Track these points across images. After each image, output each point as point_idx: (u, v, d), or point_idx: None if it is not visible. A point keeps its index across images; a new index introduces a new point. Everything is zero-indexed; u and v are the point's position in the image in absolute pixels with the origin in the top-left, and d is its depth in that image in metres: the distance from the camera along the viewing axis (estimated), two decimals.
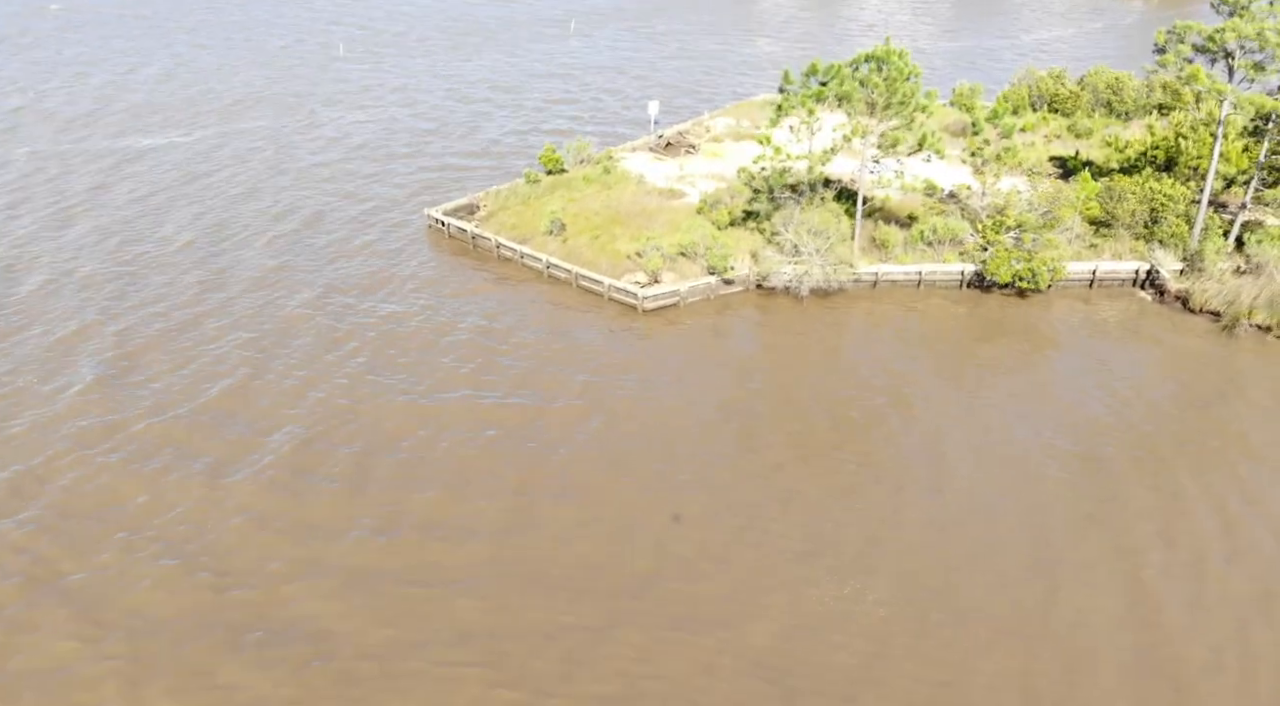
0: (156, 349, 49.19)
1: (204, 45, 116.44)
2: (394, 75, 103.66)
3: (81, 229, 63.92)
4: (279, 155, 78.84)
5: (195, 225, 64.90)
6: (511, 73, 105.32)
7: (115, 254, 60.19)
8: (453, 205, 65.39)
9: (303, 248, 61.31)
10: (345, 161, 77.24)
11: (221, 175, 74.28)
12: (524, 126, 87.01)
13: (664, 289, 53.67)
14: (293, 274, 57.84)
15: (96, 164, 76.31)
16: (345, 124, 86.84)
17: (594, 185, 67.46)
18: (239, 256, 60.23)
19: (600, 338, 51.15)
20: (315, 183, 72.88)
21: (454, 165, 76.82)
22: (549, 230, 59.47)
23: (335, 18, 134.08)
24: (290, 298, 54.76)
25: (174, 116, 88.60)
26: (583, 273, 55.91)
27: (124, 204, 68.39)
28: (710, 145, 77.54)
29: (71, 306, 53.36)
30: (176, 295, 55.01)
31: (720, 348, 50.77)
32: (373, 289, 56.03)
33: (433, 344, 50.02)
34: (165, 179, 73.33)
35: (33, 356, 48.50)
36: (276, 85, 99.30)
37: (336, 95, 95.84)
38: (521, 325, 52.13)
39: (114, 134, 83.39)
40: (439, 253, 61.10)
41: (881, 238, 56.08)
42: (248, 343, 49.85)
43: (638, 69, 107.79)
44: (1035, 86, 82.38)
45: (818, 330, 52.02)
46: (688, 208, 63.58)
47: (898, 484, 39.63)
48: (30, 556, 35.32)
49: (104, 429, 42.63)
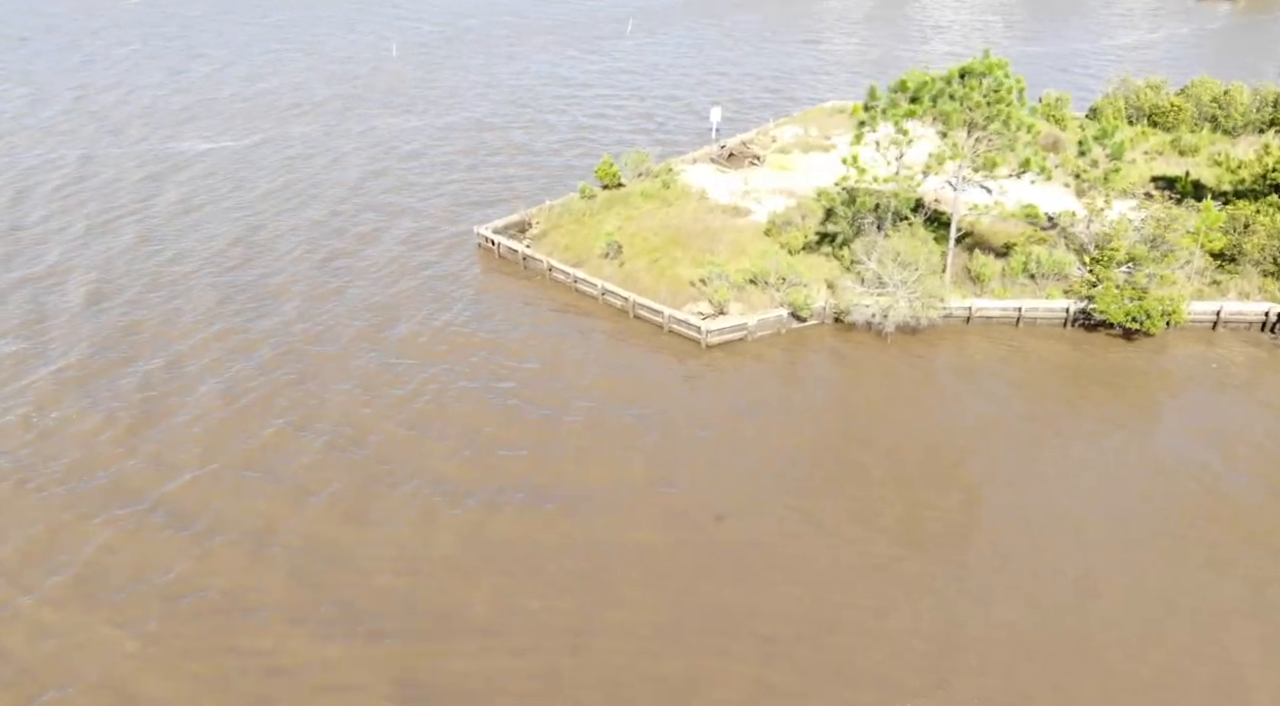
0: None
1: (256, 45, 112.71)
2: (447, 78, 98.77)
3: (125, 238, 59.53)
4: (328, 164, 74.23)
5: (241, 240, 60.43)
6: (567, 76, 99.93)
7: (155, 271, 55.65)
8: (503, 222, 60.07)
9: (348, 269, 56.24)
10: (395, 171, 72.35)
11: (266, 184, 69.84)
12: (580, 134, 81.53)
13: (730, 322, 47.81)
14: (336, 303, 52.94)
15: (146, 170, 72.34)
16: (397, 130, 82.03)
17: (653, 201, 61.78)
18: (277, 276, 55.56)
19: (658, 375, 45.48)
20: (367, 195, 68.04)
21: (505, 176, 71.54)
22: (605, 253, 53.92)
23: (392, 18, 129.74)
24: (332, 336, 49.74)
25: (230, 119, 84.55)
26: (640, 301, 50.26)
27: (170, 215, 64.00)
28: (777, 156, 71.38)
29: (102, 335, 48.92)
30: (200, 319, 50.43)
31: (792, 391, 44.84)
32: (417, 315, 50.93)
33: (471, 392, 44.71)
34: (216, 187, 69.07)
35: (48, 393, 44.17)
36: (329, 88, 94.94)
37: (389, 99, 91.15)
38: (573, 358, 46.65)
39: (165, 137, 79.49)
40: (488, 274, 55.80)
41: (976, 269, 49.62)
42: (282, 388, 45.04)
43: (697, 71, 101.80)
44: (1132, 97, 74.91)
45: (902, 371, 45.84)
46: (754, 227, 57.63)
47: (988, 556, 33.48)
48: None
49: (110, 487, 38.03)
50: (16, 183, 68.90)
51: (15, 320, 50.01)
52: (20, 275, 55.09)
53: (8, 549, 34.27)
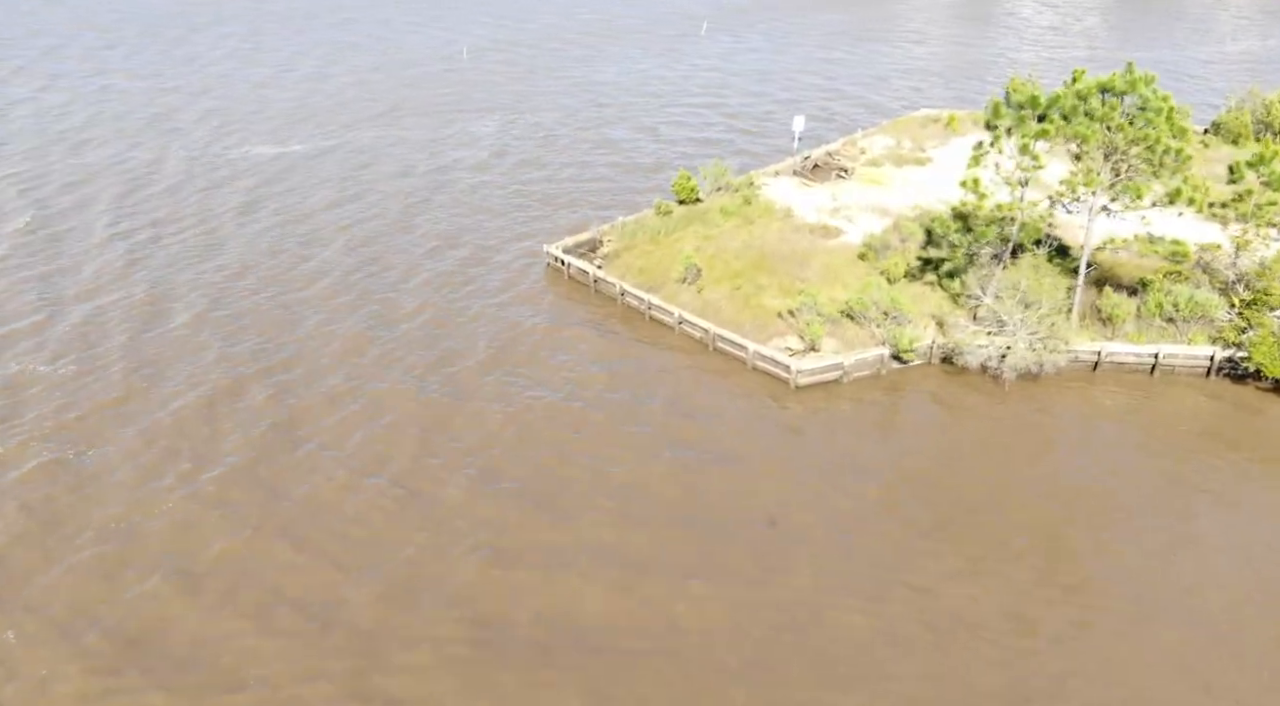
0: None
1: (324, 45, 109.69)
2: (516, 82, 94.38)
3: (227, 255, 55.83)
4: (394, 173, 70.23)
5: (302, 255, 56.56)
6: (639, 80, 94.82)
7: (259, 295, 51.57)
8: (574, 240, 55.19)
9: (411, 291, 51.72)
10: (461, 182, 67.85)
11: (330, 193, 66.00)
12: (653, 142, 76.38)
13: (823, 362, 42.30)
14: (394, 331, 48.65)
15: (243, 181, 69.05)
16: (466, 137, 77.71)
17: (733, 219, 56.40)
18: (343, 296, 51.49)
19: (742, 423, 40.14)
20: (433, 208, 63.71)
21: (575, 188, 66.58)
22: (682, 277, 48.76)
23: (467, 20, 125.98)
24: (391, 369, 45.40)
25: (298, 123, 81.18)
26: (722, 333, 44.99)
27: (269, 226, 60.18)
28: (866, 170, 65.47)
29: (207, 355, 45.13)
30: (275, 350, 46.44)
31: (894, 444, 39.18)
32: (479, 349, 46.34)
33: (543, 440, 39.91)
34: (282, 198, 65.46)
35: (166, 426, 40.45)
36: (398, 91, 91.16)
37: (459, 103, 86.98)
38: (649, 398, 41.56)
39: (238, 140, 76.33)
40: (558, 298, 50.91)
41: (1107, 309, 43.33)
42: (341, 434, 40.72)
43: (776, 74, 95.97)
44: (1260, 111, 67.43)
45: (1020, 423, 39.93)
46: (846, 250, 51.95)
47: (1108, 662, 27.61)
48: None
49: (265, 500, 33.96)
50: (84, 187, 65.97)
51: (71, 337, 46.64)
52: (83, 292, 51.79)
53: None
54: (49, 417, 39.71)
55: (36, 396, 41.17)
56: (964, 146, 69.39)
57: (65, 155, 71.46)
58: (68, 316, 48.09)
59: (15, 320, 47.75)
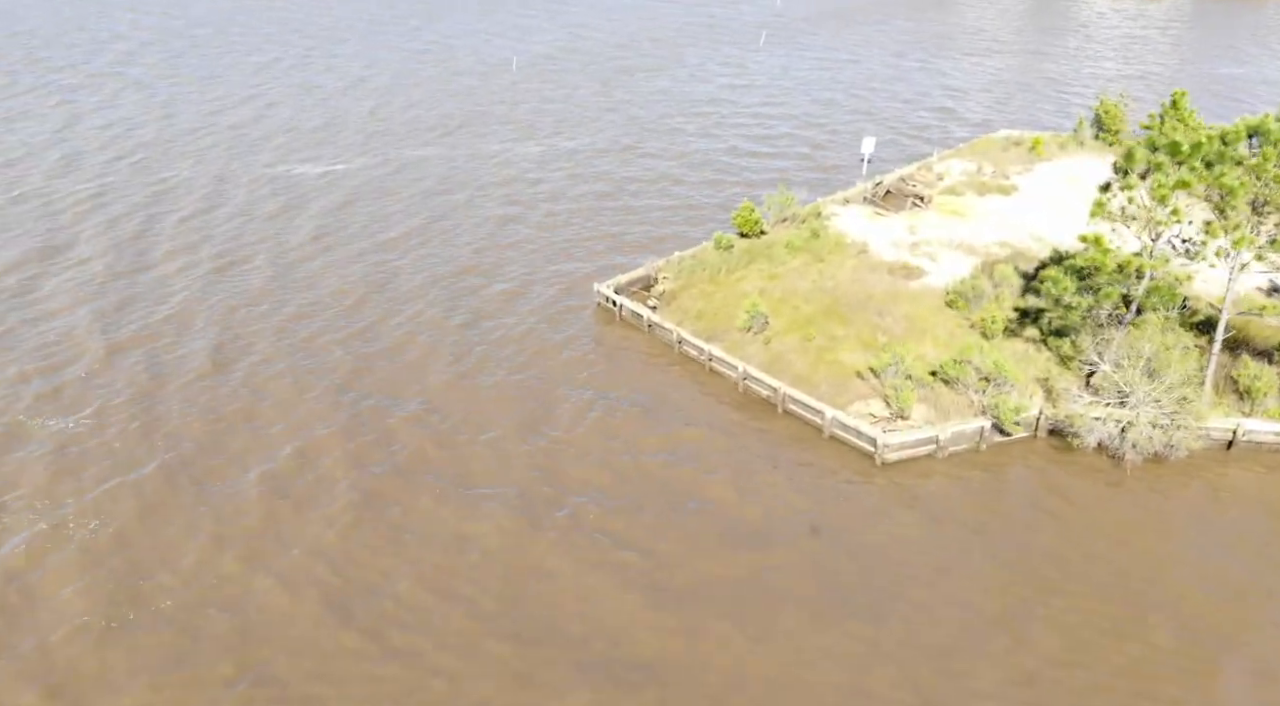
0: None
1: (375, 54, 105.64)
2: (568, 97, 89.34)
3: (258, 279, 51.59)
4: (433, 190, 65.55)
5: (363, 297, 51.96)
6: (696, 96, 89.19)
7: (284, 327, 47.13)
8: (626, 278, 49.86)
9: (456, 334, 46.95)
10: (506, 210, 62.80)
11: (369, 216, 61.44)
12: (711, 165, 70.75)
13: (915, 435, 36.47)
14: (418, 386, 43.76)
15: (274, 201, 64.86)
16: (513, 157, 72.74)
17: (801, 254, 50.76)
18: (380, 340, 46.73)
19: (817, 505, 34.52)
20: (474, 239, 58.88)
21: (628, 217, 60.97)
22: (747, 326, 43.24)
23: (520, 32, 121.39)
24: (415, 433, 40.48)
25: (349, 142, 76.90)
26: (793, 394, 39.37)
27: (294, 258, 55.92)
28: (945, 198, 59.39)
29: (242, 392, 40.82)
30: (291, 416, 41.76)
31: (998, 534, 33.27)
32: (514, 414, 41.24)
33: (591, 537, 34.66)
34: (336, 229, 61.03)
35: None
36: (447, 106, 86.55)
37: (507, 118, 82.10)
38: (711, 470, 36.12)
39: (298, 159, 72.20)
40: (605, 344, 45.60)
41: (1245, 381, 36.98)
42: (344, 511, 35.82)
43: (839, 90, 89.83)
44: None
45: (1143, 510, 33.90)
46: (930, 295, 46.09)
47: None
48: None
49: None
50: (146, 208, 61.79)
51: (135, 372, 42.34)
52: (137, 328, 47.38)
53: None
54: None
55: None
56: (1051, 173, 63.12)
57: (133, 173, 67.28)
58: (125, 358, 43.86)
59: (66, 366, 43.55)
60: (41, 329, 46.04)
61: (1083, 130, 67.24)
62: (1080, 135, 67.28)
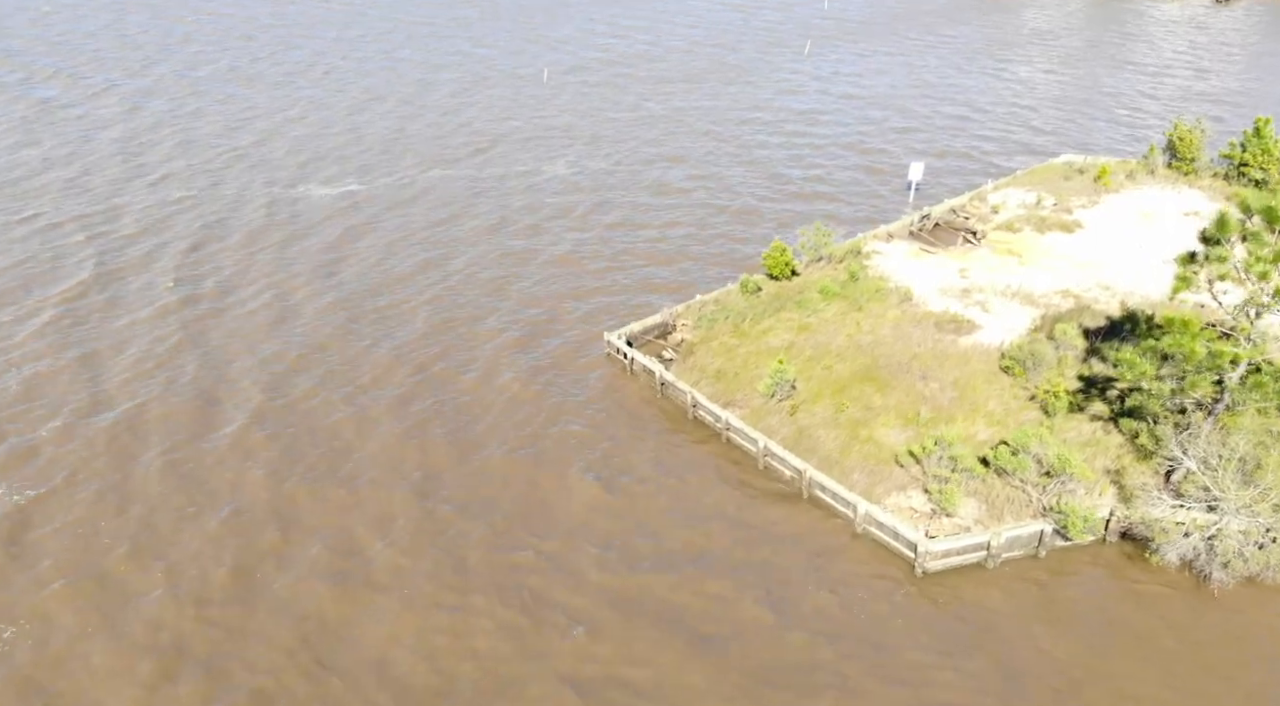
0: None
1: (395, 60, 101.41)
2: (597, 111, 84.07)
3: (262, 319, 47.42)
4: (446, 219, 60.80)
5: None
6: (730, 112, 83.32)
7: (279, 379, 43.22)
8: (641, 325, 44.52)
9: (462, 396, 42.11)
10: (516, 243, 57.86)
11: (370, 249, 56.91)
12: (741, 190, 65.01)
13: (962, 541, 30.49)
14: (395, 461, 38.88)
15: (282, 228, 60.73)
16: (537, 180, 67.76)
17: (837, 302, 44.96)
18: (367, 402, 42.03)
19: (841, 624, 28.89)
20: (475, 271, 54.06)
21: (645, 253, 55.26)
22: (771, 392, 37.61)
23: (554, 41, 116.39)
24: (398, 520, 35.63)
25: (359, 160, 72.63)
26: (820, 479, 33.66)
27: (310, 290, 51.86)
28: (1000, 235, 53.07)
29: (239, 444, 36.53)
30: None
31: (1060, 666, 27.35)
32: (494, 516, 36.15)
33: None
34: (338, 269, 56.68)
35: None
36: (474, 118, 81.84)
37: (537, 137, 77.07)
38: (718, 571, 30.67)
39: (348, 177, 68.14)
40: (612, 404, 40.18)
41: None
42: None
43: (883, 107, 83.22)
44: None
45: (1233, 638, 27.74)
46: (982, 355, 40.05)
47: None
48: None
49: None
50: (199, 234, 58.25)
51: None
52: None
53: None
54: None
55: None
56: (1119, 207, 56.30)
57: (144, 192, 63.62)
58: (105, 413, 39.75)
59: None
60: (6, 382, 42.05)
61: (1154, 157, 60.26)
62: (1151, 162, 60.31)
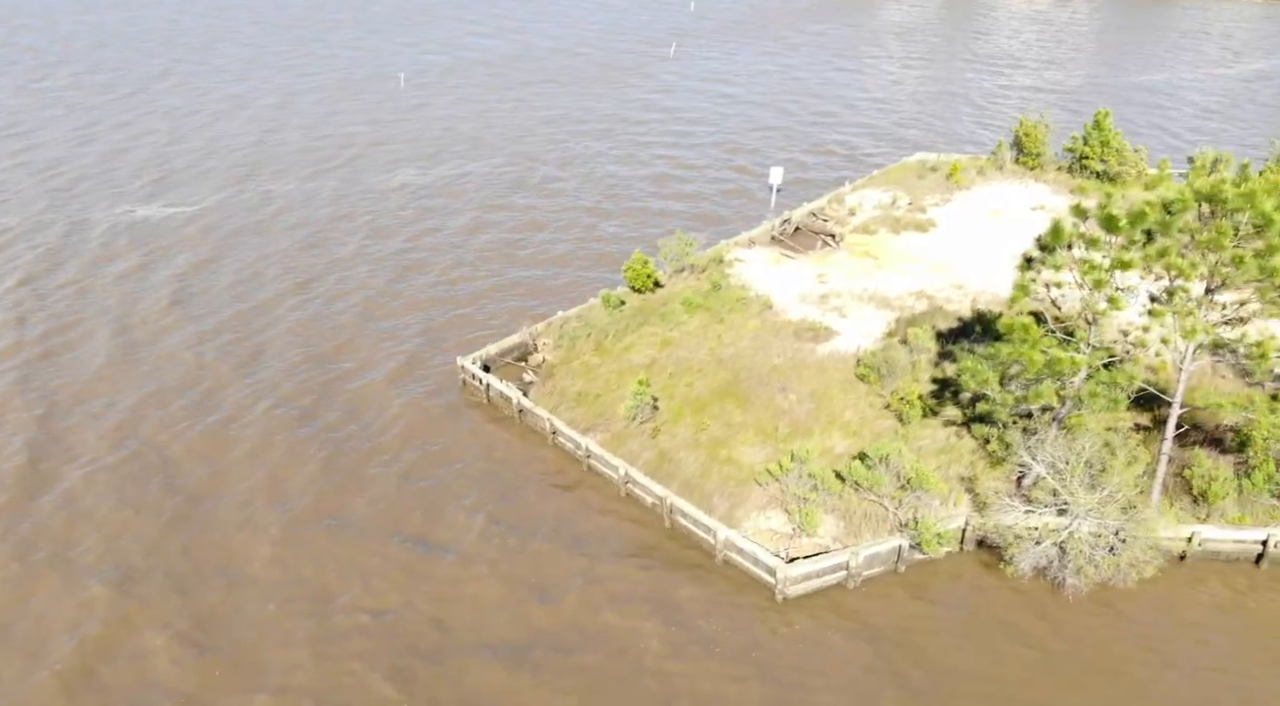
0: None
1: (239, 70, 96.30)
2: (451, 117, 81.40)
3: (95, 362, 43.41)
4: (289, 229, 57.46)
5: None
6: (598, 114, 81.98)
7: (121, 427, 39.26)
8: (498, 347, 42.66)
9: (311, 444, 39.30)
10: (358, 259, 55.13)
11: (229, 272, 53.21)
12: (607, 199, 63.81)
13: (821, 563, 29.78)
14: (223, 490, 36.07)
15: (127, 256, 56.01)
16: (379, 191, 64.92)
17: (699, 313, 44.10)
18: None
19: (698, 655, 27.89)
20: (308, 295, 51.15)
21: (505, 265, 53.78)
22: (632, 415, 36.36)
23: (424, 43, 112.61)
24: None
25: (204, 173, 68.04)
26: (680, 505, 32.55)
27: (154, 328, 47.69)
28: (858, 238, 53.24)
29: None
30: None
31: (913, 688, 26.96)
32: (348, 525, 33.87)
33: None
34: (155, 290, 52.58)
35: None
36: (335, 130, 78.11)
37: (394, 143, 73.99)
38: (577, 616, 29.28)
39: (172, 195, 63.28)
40: (466, 431, 38.39)
41: (1200, 484, 31.14)
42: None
43: (748, 107, 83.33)
44: None
45: (1090, 638, 27.94)
46: (840, 364, 39.71)
47: None
48: None
49: None
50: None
51: None
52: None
53: None
54: None
55: None
56: (970, 204, 57.25)
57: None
58: None
59: None
60: None
61: (1002, 153, 61.68)
62: (1000, 158, 61.70)
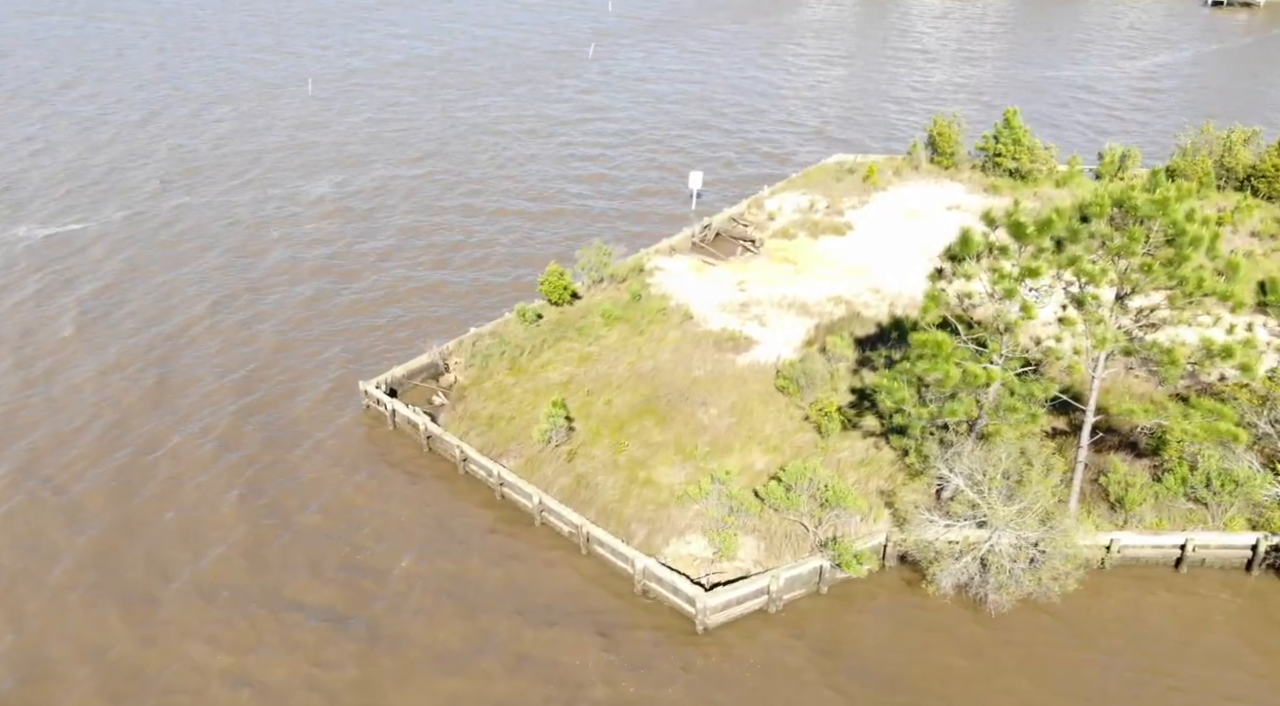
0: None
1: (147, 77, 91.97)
2: (375, 124, 78.72)
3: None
4: (192, 251, 54.54)
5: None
6: (520, 115, 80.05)
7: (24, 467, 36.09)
8: (404, 369, 40.70)
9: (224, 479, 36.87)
10: (251, 277, 52.66)
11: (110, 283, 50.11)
12: (529, 202, 62.06)
13: (742, 589, 28.65)
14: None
15: (30, 279, 52.25)
16: (311, 202, 62.25)
17: (618, 326, 42.79)
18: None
19: (617, 696, 26.58)
20: (236, 310, 48.58)
21: (412, 284, 51.63)
22: (546, 438, 34.83)
23: (340, 45, 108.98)
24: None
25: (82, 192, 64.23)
26: (596, 534, 31.16)
27: (57, 359, 44.34)
28: (777, 243, 52.50)
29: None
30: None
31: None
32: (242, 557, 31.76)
33: None
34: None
35: None
36: (230, 137, 74.70)
37: (304, 151, 71.09)
38: (480, 648, 27.73)
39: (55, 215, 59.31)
40: (369, 460, 36.45)
41: (1116, 491, 30.85)
42: None
43: (669, 110, 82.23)
44: (1218, 151, 56.52)
45: (1014, 649, 27.41)
46: (760, 375, 38.75)
47: None
48: None
49: None
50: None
51: None
52: None
53: None
54: None
55: None
56: (887, 205, 56.84)
57: None
58: None
59: None
60: None
61: (917, 153, 61.62)
62: (915, 158, 61.64)
